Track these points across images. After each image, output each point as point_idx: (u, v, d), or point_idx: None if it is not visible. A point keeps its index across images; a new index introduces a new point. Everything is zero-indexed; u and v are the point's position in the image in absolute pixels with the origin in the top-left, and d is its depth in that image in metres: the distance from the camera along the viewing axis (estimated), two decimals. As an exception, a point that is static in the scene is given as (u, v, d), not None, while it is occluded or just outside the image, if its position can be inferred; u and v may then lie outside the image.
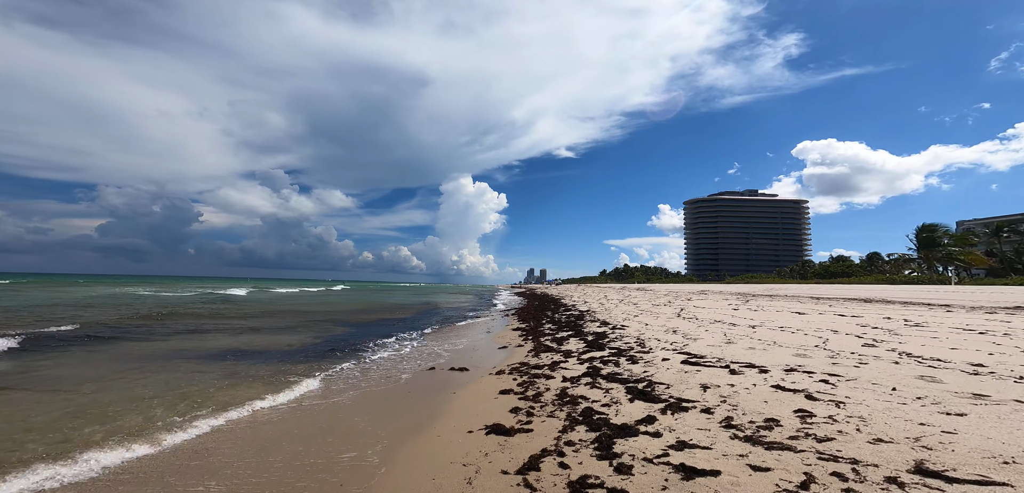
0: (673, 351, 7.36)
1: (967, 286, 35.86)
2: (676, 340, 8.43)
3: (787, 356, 6.29)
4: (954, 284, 40.16)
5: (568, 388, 5.75)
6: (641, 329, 10.67)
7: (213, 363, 8.29)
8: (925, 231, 49.71)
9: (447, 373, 7.61)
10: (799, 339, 7.71)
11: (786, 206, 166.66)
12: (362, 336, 12.54)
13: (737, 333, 8.79)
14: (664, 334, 9.47)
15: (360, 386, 6.70)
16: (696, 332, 9.31)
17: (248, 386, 6.53)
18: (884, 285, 37.90)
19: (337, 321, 17.18)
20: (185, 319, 16.11)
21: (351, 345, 10.66)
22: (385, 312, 22.78)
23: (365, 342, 11.22)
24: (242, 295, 35.81)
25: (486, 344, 10.93)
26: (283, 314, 19.35)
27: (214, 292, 40.14)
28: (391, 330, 14.17)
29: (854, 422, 3.52)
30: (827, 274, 78.00)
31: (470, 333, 13.67)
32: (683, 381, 5.42)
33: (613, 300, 23.30)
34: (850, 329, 8.64)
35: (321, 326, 15.10)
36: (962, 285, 38.04)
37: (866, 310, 12.41)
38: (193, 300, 27.52)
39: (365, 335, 13.03)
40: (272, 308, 22.65)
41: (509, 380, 6.58)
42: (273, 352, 9.68)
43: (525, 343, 10.35)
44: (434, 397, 5.99)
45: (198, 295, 33.93)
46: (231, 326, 14.56)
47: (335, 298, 36.78)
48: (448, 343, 11.37)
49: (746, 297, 19.08)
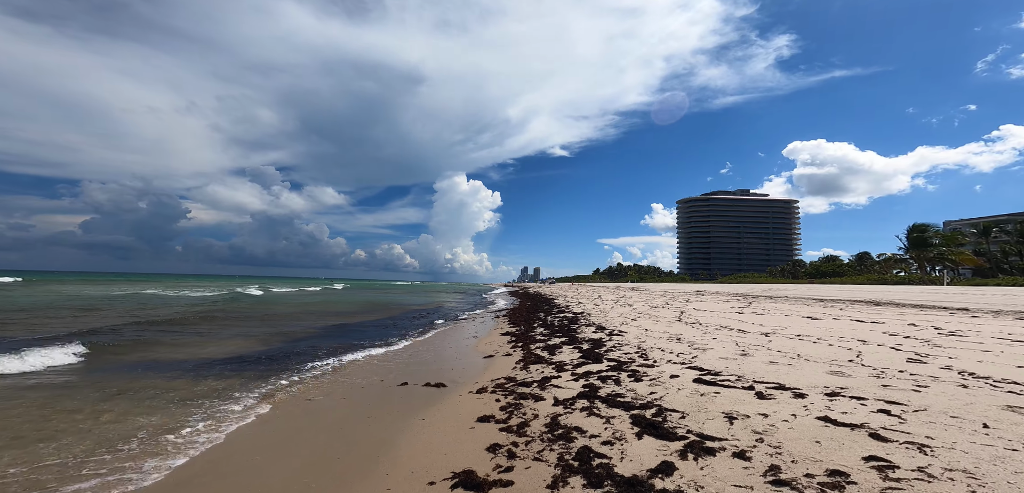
0: (681, 365, 6.37)
1: (960, 286, 35.60)
2: (682, 351, 7.44)
3: (820, 374, 5.32)
4: (947, 284, 39.98)
5: (560, 414, 4.72)
6: (641, 336, 9.69)
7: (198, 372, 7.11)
8: (916, 231, 49.68)
9: (421, 389, 6.54)
10: (826, 350, 6.76)
11: (777, 206, 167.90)
12: (341, 337, 11.41)
13: (750, 342, 7.83)
14: (667, 342, 8.49)
15: (312, 406, 5.60)
16: (703, 340, 8.34)
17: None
18: (879, 285, 37.54)
19: (339, 313, 15.97)
20: (230, 321, 14.80)
21: (322, 351, 9.53)
22: (379, 311, 21.65)
23: (342, 346, 10.10)
24: (258, 294, 36.38)
25: (470, 352, 9.87)
26: (320, 314, 18.10)
27: (237, 290, 41.10)
28: (373, 333, 13.04)
29: (962, 481, 2.53)
30: (818, 274, 78.19)
31: (455, 338, 12.59)
32: (700, 407, 4.41)
33: (608, 301, 22.37)
34: (878, 338, 7.71)
35: (325, 319, 13.90)
36: (954, 285, 37.81)
37: (882, 314, 11.57)
38: (216, 299, 28.23)
39: (345, 336, 11.91)
40: (308, 307, 21.67)
41: (491, 401, 5.53)
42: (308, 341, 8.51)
43: (513, 351, 9.31)
44: (397, 424, 4.91)
45: (222, 295, 34.02)
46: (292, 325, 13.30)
47: (337, 296, 38.03)
48: (430, 350, 10.29)
49: (747, 299, 18.27)
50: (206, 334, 12.51)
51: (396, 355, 9.60)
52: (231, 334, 12.70)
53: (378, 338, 12.34)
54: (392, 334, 13.23)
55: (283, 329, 14.27)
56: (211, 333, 12.76)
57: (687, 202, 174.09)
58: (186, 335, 12.14)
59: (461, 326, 15.89)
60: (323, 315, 19.76)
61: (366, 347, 10.60)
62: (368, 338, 12.31)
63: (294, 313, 20.49)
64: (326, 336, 12.93)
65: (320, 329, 14.70)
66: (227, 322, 15.73)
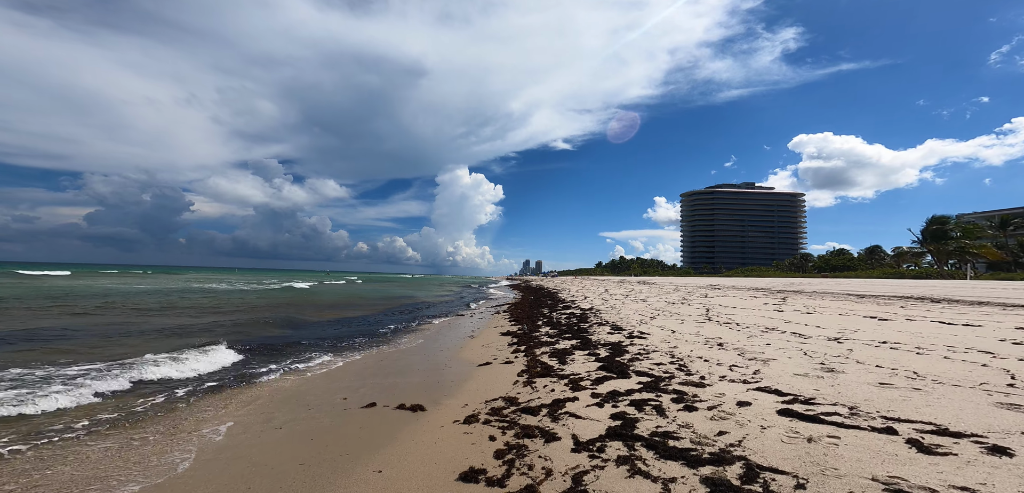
0: (744, 384, 4.71)
1: (987, 281, 33.74)
2: (736, 362, 5.76)
3: (985, 408, 3.61)
4: (970, 279, 38.13)
5: (585, 471, 3.08)
6: (669, 339, 8.03)
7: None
8: (934, 223, 47.65)
9: (391, 414, 4.92)
10: (955, 368, 5.01)
11: (782, 199, 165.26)
12: (305, 337, 9.78)
13: (822, 351, 6.13)
14: (707, 349, 6.82)
15: (239, 449, 3.96)
16: (755, 346, 6.66)
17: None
18: (901, 279, 35.70)
19: (354, 307, 14.39)
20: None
21: (285, 351, 7.91)
22: (364, 307, 20.05)
23: (306, 348, 8.47)
24: (306, 288, 38.58)
25: (462, 357, 8.24)
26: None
27: (291, 285, 43.48)
28: (349, 330, 11.42)
29: None
30: (829, 267, 76.16)
31: (448, 338, 10.96)
32: (820, 465, 2.75)
33: (616, 295, 20.69)
34: (1005, 349, 5.98)
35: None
36: (980, 280, 35.95)
37: (962, 313, 9.83)
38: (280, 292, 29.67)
39: (317, 335, 10.24)
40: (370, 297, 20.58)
41: (483, 438, 3.90)
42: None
43: (515, 358, 7.67)
44: (341, 478, 3.27)
45: (284, 289, 35.58)
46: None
47: (357, 289, 37.79)
48: (417, 355, 8.67)
49: (777, 294, 16.41)
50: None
51: (369, 362, 7.97)
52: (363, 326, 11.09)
53: (359, 336, 10.73)
54: (376, 331, 11.63)
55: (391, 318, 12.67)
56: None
57: (691, 195, 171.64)
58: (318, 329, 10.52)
59: (457, 323, 14.27)
60: (347, 305, 18.18)
61: (330, 351, 8.97)
62: (358, 334, 10.69)
63: (370, 301, 18.93)
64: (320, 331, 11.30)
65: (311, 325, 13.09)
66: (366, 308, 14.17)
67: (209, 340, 9.16)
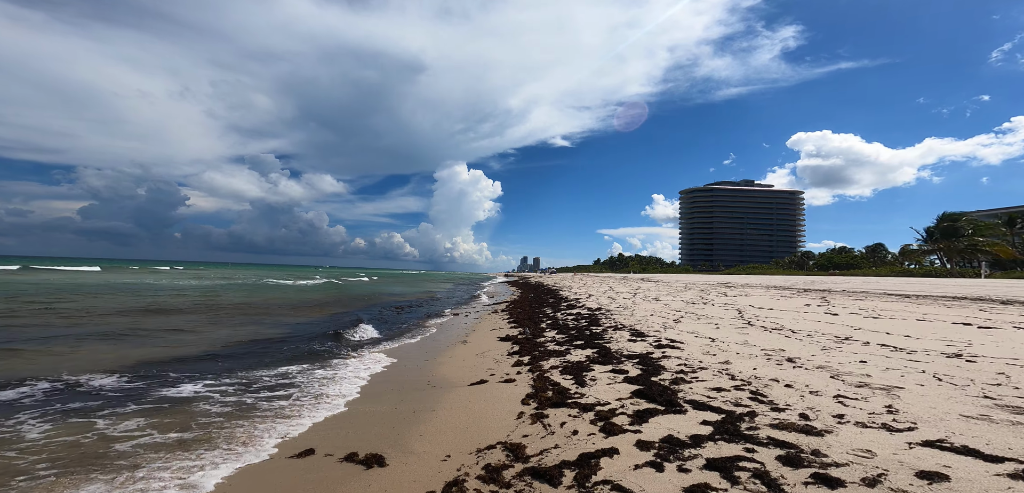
0: (891, 433, 3.06)
1: (1005, 280, 32.40)
2: (846, 393, 4.09)
3: None
4: (985, 277, 36.83)
5: None
6: (710, 349, 6.42)
7: None
8: (946, 220, 46.28)
9: (335, 471, 3.27)
10: None
11: (781, 197, 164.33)
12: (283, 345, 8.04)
13: (976, 378, 4.47)
14: (774, 367, 5.19)
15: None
16: (854, 367, 5.02)
17: None
18: (921, 279, 34.31)
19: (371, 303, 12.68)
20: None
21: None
22: (357, 303, 18.34)
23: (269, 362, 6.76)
24: (366, 281, 41.71)
25: (452, 374, 6.59)
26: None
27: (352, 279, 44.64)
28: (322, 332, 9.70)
29: None
30: (831, 265, 74.97)
31: (437, 344, 9.31)
32: None
33: (623, 294, 19.09)
34: None
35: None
36: (995, 279, 34.62)
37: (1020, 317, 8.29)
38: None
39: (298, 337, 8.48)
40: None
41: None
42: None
43: (517, 374, 6.03)
44: None
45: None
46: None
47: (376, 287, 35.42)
48: (399, 371, 7.00)
49: (817, 293, 14.62)
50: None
51: (331, 379, 6.29)
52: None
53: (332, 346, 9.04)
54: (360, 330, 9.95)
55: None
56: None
57: (690, 192, 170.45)
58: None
59: (449, 326, 12.60)
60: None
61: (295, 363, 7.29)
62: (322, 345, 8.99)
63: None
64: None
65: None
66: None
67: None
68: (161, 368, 6.47)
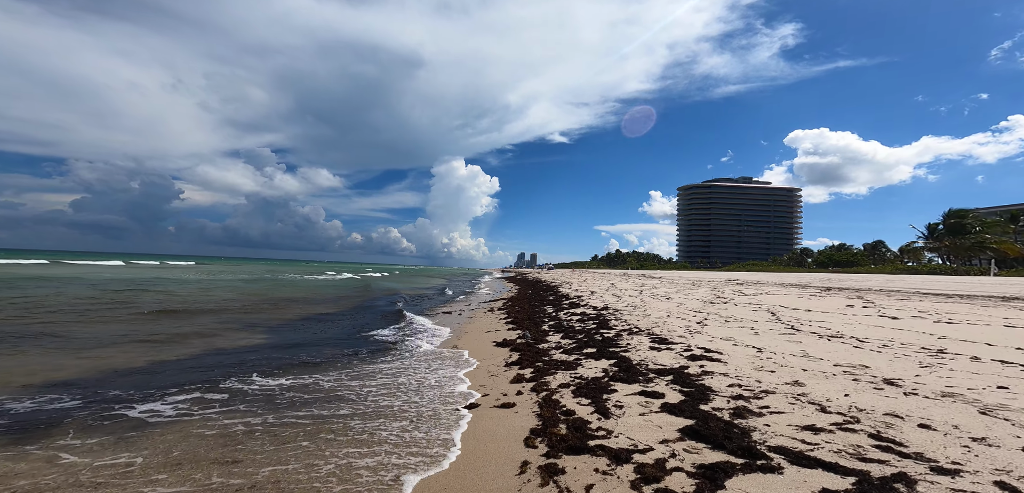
0: None
1: (1016, 277, 31.43)
2: (1005, 441, 2.83)
3: None
4: (994, 275, 35.93)
5: None
6: (762, 364, 5.15)
7: None
8: (953, 217, 45.41)
9: None
10: None
11: (779, 194, 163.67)
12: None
13: None
14: (873, 393, 3.93)
15: None
16: (998, 397, 3.77)
17: None
18: (930, 276, 33.30)
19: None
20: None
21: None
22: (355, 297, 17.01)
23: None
24: (378, 275, 42.54)
25: (436, 395, 5.29)
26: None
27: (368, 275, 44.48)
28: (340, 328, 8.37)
29: None
30: (831, 262, 74.17)
31: (426, 353, 8.00)
32: None
33: (628, 292, 17.83)
34: None
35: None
36: (1007, 277, 33.68)
37: None
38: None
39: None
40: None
41: None
42: None
43: (517, 394, 4.75)
44: None
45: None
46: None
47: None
48: (379, 380, 5.68)
49: (855, 293, 13.24)
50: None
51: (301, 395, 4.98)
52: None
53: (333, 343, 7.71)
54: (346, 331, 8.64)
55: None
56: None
57: (688, 189, 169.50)
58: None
59: (435, 331, 11.27)
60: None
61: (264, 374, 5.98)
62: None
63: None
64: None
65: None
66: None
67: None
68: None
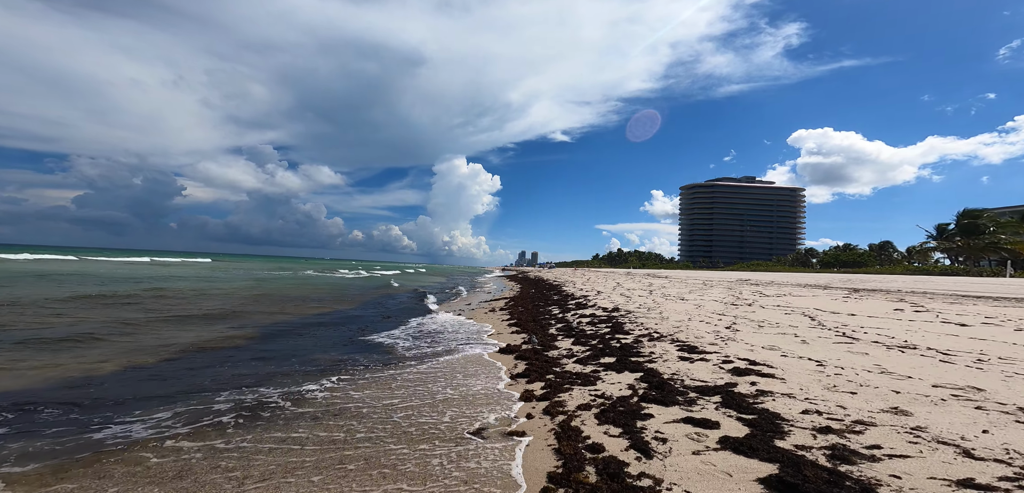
0: None
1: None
2: None
3: None
4: (1009, 276, 34.90)
5: None
6: (824, 378, 4.25)
7: None
8: (967, 217, 44.31)
9: None
10: None
11: (782, 194, 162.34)
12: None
13: None
14: (1008, 431, 3.01)
15: None
16: None
17: None
18: (951, 278, 32.29)
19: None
20: None
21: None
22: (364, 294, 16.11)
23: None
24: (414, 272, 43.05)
25: (429, 423, 4.40)
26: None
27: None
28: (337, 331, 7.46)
29: None
30: (837, 263, 73.06)
31: (422, 369, 7.10)
32: None
33: (638, 292, 16.90)
34: None
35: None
36: (1021, 278, 32.62)
37: None
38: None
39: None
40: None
41: None
42: None
43: (527, 417, 3.83)
44: None
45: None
46: None
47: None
48: (378, 400, 4.80)
49: (894, 295, 12.12)
50: None
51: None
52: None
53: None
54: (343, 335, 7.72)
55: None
56: None
57: (691, 188, 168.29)
58: None
59: (437, 336, 10.36)
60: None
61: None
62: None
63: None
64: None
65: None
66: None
67: None
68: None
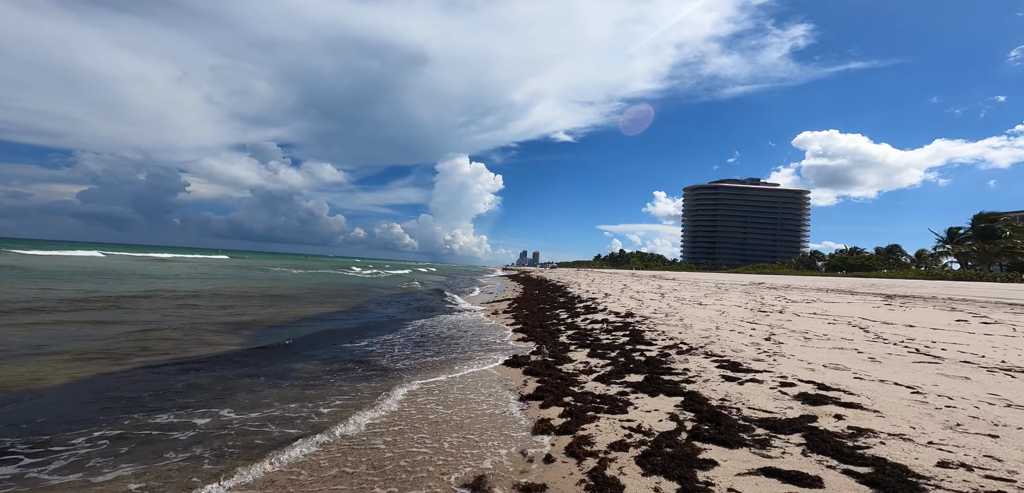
0: None
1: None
2: None
3: None
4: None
5: None
6: (935, 412, 3.33)
7: None
8: (982, 221, 43.21)
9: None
10: None
11: (787, 196, 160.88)
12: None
13: None
14: None
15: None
16: None
17: None
18: (973, 283, 31.23)
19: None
20: None
21: None
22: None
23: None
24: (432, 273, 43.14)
25: (430, 459, 3.44)
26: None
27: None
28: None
29: None
30: (843, 266, 71.95)
31: (415, 383, 6.19)
32: None
33: (649, 294, 15.98)
34: None
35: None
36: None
37: None
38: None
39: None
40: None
41: None
42: None
43: (543, 460, 2.91)
44: None
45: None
46: None
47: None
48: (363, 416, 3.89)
49: (944, 302, 10.89)
50: None
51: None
52: None
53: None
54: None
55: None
56: None
57: (694, 189, 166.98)
58: None
59: (445, 343, 9.46)
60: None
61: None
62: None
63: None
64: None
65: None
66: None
67: None
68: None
